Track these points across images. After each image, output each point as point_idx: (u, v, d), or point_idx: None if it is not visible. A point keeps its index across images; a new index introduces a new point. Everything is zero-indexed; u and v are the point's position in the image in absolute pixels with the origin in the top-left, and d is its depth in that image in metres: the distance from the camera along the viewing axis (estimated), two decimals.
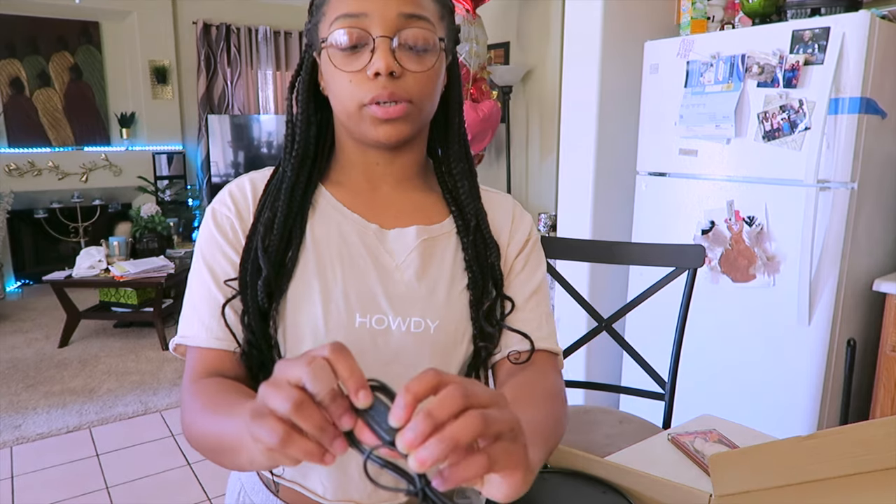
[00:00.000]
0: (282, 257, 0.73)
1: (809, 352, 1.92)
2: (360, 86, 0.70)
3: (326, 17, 0.72)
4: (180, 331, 0.75)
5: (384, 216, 0.78)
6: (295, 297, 0.73)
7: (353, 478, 0.76)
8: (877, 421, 0.63)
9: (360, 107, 0.70)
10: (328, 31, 0.71)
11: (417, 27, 0.70)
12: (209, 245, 0.76)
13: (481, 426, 0.41)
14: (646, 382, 1.54)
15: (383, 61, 0.68)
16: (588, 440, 1.44)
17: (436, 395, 0.42)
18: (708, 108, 2.05)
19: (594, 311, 1.58)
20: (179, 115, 5.36)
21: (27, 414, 2.83)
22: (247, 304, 0.72)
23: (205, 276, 0.75)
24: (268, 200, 0.75)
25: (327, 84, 0.75)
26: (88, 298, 4.03)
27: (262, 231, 0.73)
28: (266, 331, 0.72)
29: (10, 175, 4.69)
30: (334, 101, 0.75)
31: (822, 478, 0.65)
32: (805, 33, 1.82)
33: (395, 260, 0.76)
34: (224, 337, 0.72)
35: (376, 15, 0.69)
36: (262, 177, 0.80)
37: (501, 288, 0.79)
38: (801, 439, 0.66)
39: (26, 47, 4.75)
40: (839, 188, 1.82)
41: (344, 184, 0.79)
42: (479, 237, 0.78)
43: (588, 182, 2.44)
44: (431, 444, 0.40)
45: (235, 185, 0.79)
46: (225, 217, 0.76)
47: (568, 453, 0.84)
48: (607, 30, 2.33)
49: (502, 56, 3.86)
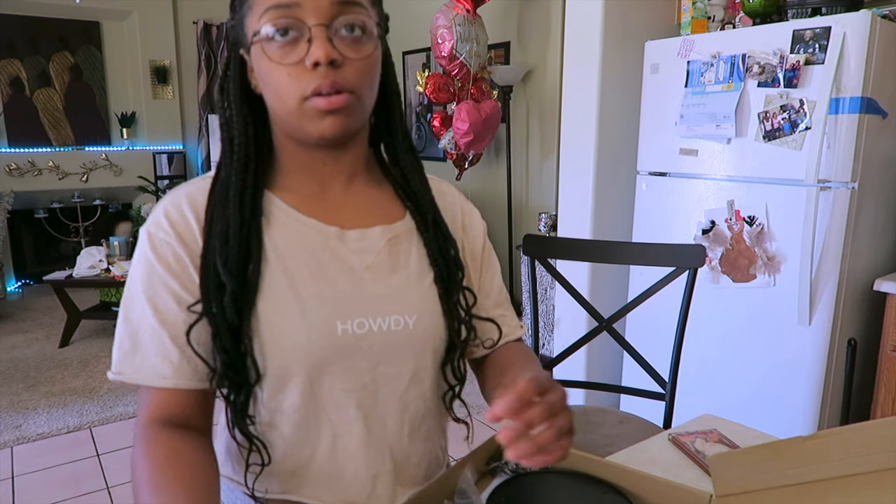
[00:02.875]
0: (243, 270, 0.69)
1: (810, 351, 1.92)
2: (299, 78, 0.66)
3: (254, 11, 0.68)
4: (119, 366, 0.70)
5: (341, 217, 0.76)
6: (269, 312, 0.70)
7: (349, 482, 0.76)
8: (878, 421, 0.63)
9: (301, 100, 0.67)
10: (258, 24, 0.67)
11: (353, 13, 0.67)
12: (148, 276, 0.70)
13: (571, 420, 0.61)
14: (646, 382, 1.54)
15: (322, 50, 0.65)
16: (588, 440, 1.44)
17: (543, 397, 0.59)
18: (708, 108, 2.05)
19: (594, 310, 1.58)
20: (180, 114, 5.36)
21: (28, 414, 2.83)
22: (216, 324, 0.68)
23: (146, 312, 0.69)
24: (216, 211, 0.70)
25: (261, 81, 0.70)
26: (89, 298, 4.03)
27: (218, 245, 0.68)
28: (239, 349, 0.69)
29: (11, 175, 4.69)
30: (271, 99, 0.70)
31: (823, 478, 0.65)
32: (806, 33, 1.82)
33: (364, 261, 0.75)
34: (171, 375, 0.68)
35: (309, 4, 0.65)
36: (197, 189, 0.74)
37: (463, 279, 0.82)
38: (802, 439, 0.65)
39: (27, 47, 4.75)
40: (840, 188, 1.82)
41: (291, 188, 0.76)
42: (437, 231, 0.80)
43: (588, 182, 2.44)
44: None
45: (170, 205, 0.72)
46: (164, 243, 0.70)
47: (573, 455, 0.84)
48: (608, 30, 2.33)
49: (502, 56, 3.86)
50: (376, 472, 0.77)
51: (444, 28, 3.33)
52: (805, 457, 0.65)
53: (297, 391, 0.72)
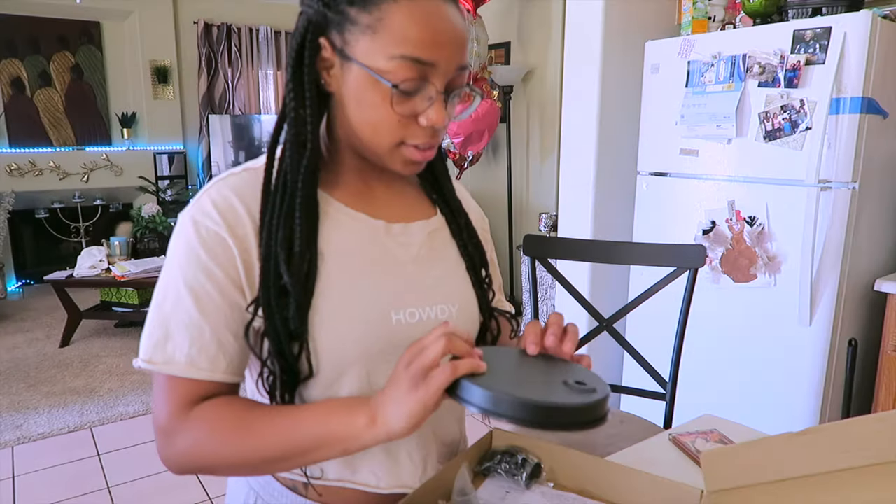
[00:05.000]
0: (305, 276, 0.69)
1: (810, 352, 1.92)
2: (406, 127, 0.68)
3: (384, 39, 0.64)
4: (149, 353, 0.68)
5: (385, 213, 0.78)
6: (326, 308, 0.69)
7: (404, 464, 0.77)
8: (866, 417, 0.63)
9: (398, 144, 0.69)
10: (385, 63, 0.65)
11: (464, 77, 0.70)
12: (191, 264, 0.68)
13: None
14: (647, 382, 1.54)
15: (440, 116, 0.67)
16: (589, 440, 1.44)
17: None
18: (709, 108, 2.05)
19: (595, 311, 1.58)
20: (180, 115, 5.37)
21: (28, 414, 2.83)
22: (276, 332, 0.67)
23: (185, 301, 0.67)
24: (278, 217, 0.68)
25: (357, 104, 0.68)
26: (89, 298, 4.03)
27: (283, 254, 0.67)
28: (293, 352, 0.69)
29: (12, 175, 4.69)
30: (362, 125, 0.69)
31: (813, 473, 0.65)
32: (806, 33, 1.82)
33: (409, 254, 0.78)
34: (207, 368, 0.68)
35: (442, 66, 0.66)
36: (243, 183, 0.71)
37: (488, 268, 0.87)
38: (792, 435, 0.66)
39: (27, 47, 4.75)
40: (840, 188, 1.82)
41: (340, 185, 0.76)
42: (467, 226, 0.85)
43: (589, 182, 2.44)
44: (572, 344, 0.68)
45: (217, 195, 0.70)
46: (212, 232, 0.68)
47: (568, 452, 0.84)
48: (608, 30, 2.33)
49: (503, 56, 3.87)
50: (426, 454, 0.79)
51: None
52: (795, 452, 0.66)
53: (355, 381, 0.73)
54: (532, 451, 0.86)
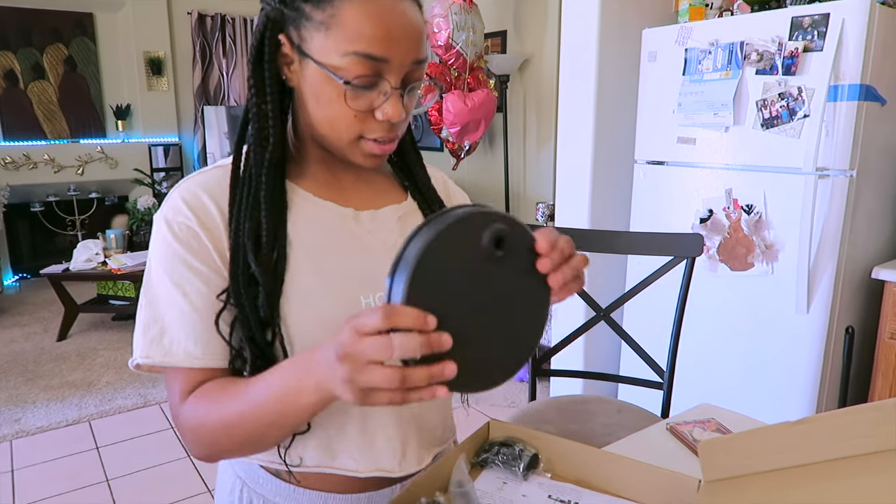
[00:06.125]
0: (274, 265, 0.70)
1: (808, 339, 1.92)
2: (363, 121, 0.69)
3: (337, 37, 0.65)
4: (146, 350, 0.70)
5: (354, 201, 0.79)
6: (295, 294, 0.71)
7: (382, 449, 0.78)
8: (863, 406, 0.64)
9: (357, 138, 0.70)
10: (339, 59, 0.65)
11: (421, 70, 0.70)
12: (172, 261, 0.70)
13: (585, 262, 0.66)
14: (644, 372, 1.54)
15: (396, 111, 0.68)
16: (586, 429, 1.44)
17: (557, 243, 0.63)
18: (706, 96, 2.04)
19: (592, 300, 1.58)
20: (175, 106, 5.34)
21: (26, 407, 2.83)
22: (247, 319, 0.69)
23: (174, 297, 0.69)
24: (244, 209, 0.70)
25: (315, 99, 0.70)
26: (86, 291, 4.03)
27: (251, 244, 0.69)
28: (268, 339, 0.71)
29: (6, 168, 4.67)
30: (322, 122, 0.71)
31: (810, 462, 0.66)
32: (804, 20, 1.80)
33: (379, 239, 0.78)
34: (202, 356, 0.70)
35: (396, 62, 0.66)
36: (211, 178, 0.73)
37: None
38: (789, 425, 0.66)
39: (20, 39, 4.71)
40: (838, 176, 1.82)
41: (308, 176, 0.78)
42: (437, 208, 0.86)
43: (586, 171, 2.43)
44: (566, 269, 0.63)
45: (186, 192, 0.72)
46: (184, 227, 0.70)
47: (565, 443, 0.84)
48: (605, 17, 2.31)
49: (499, 45, 3.84)
50: (405, 438, 0.80)
51: (441, 17, 3.31)
52: (792, 442, 0.66)
53: None
54: (529, 442, 0.85)
